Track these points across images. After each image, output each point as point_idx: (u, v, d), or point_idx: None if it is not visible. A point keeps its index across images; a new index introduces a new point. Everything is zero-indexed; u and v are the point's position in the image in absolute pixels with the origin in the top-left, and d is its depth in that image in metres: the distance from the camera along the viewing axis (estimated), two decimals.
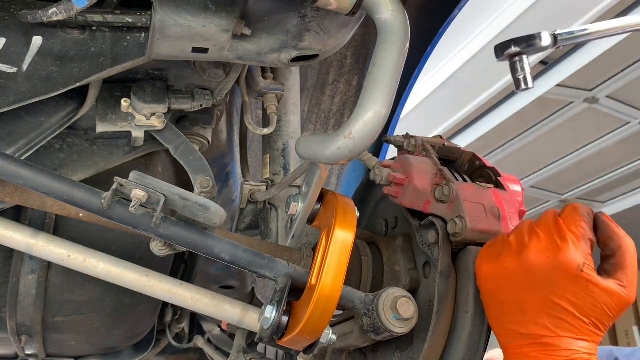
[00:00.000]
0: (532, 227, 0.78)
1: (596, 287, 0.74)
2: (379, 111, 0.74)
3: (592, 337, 0.74)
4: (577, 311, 0.73)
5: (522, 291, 0.76)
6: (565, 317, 0.73)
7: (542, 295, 0.74)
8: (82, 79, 0.79)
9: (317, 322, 0.75)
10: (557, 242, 0.75)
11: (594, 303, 0.73)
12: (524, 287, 0.76)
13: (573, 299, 0.73)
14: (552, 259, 0.74)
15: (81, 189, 0.76)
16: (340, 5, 0.73)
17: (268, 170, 1.20)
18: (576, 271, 0.73)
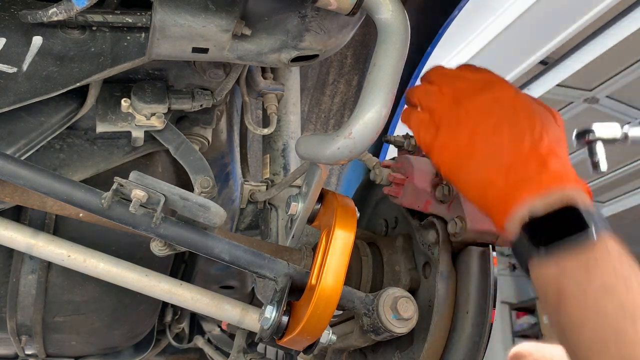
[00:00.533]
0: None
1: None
2: (379, 111, 0.74)
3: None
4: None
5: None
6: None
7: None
8: (82, 79, 0.79)
9: (317, 322, 0.75)
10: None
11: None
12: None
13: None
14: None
15: (81, 189, 0.76)
16: (340, 6, 0.73)
17: (268, 170, 1.20)
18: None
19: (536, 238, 0.72)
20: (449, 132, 0.78)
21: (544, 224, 0.73)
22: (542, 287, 0.72)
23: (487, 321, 0.80)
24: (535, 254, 0.72)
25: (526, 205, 0.73)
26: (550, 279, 0.71)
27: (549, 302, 0.71)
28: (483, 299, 0.81)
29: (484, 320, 0.81)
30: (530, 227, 0.73)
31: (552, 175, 0.75)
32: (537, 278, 0.73)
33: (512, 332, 7.49)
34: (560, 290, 0.70)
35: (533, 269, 0.73)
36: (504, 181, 0.75)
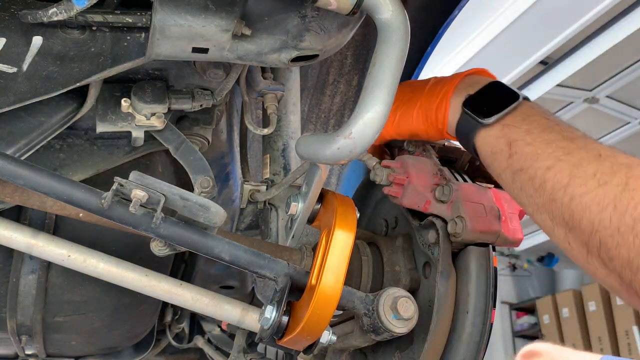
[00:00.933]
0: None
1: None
2: (379, 111, 0.74)
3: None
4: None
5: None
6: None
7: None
8: (82, 79, 0.79)
9: (317, 322, 0.75)
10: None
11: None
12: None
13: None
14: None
15: (81, 189, 0.76)
16: (340, 5, 0.73)
17: (268, 170, 1.20)
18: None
19: (479, 110, 0.86)
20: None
21: (481, 97, 0.88)
22: (490, 150, 0.84)
23: (487, 321, 0.81)
24: (481, 123, 0.84)
25: (458, 93, 0.90)
26: (499, 137, 0.83)
27: (500, 159, 0.82)
28: (483, 299, 0.82)
29: (484, 320, 0.81)
30: (470, 103, 0.88)
31: (464, 73, 0.94)
32: (485, 144, 0.84)
33: (512, 332, 7.49)
34: (510, 142, 0.81)
35: (480, 139, 0.85)
36: (433, 95, 0.94)
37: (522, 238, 0.85)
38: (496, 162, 0.83)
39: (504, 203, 0.86)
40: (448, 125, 0.91)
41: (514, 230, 0.84)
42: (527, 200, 0.79)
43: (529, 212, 0.81)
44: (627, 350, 5.72)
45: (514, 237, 0.84)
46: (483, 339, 0.81)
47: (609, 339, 5.93)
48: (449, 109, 0.90)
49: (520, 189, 0.79)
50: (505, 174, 0.82)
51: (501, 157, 0.82)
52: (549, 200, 0.75)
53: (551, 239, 0.78)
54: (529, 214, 0.81)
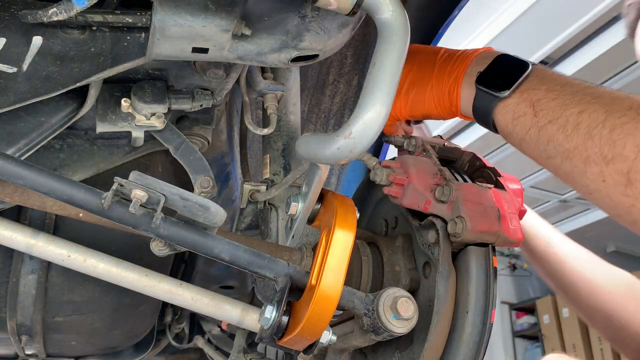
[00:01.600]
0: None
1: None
2: (379, 111, 0.74)
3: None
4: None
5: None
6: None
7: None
8: (82, 79, 0.79)
9: (317, 322, 0.75)
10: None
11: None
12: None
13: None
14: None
15: (81, 189, 0.76)
16: (340, 5, 0.73)
17: (268, 170, 1.20)
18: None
19: (493, 84, 0.89)
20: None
21: (492, 72, 0.91)
22: (511, 117, 0.87)
23: (487, 321, 0.81)
24: (498, 97, 0.88)
25: (469, 73, 0.93)
26: (519, 103, 0.86)
27: (523, 122, 0.85)
28: (483, 299, 0.82)
29: (484, 320, 0.81)
30: (483, 80, 0.91)
31: (472, 53, 0.97)
32: (505, 114, 0.88)
33: (512, 332, 7.49)
34: (532, 103, 0.85)
35: (499, 112, 0.88)
36: (444, 78, 0.97)
37: (522, 238, 0.85)
38: (519, 126, 0.86)
39: (504, 203, 0.86)
40: (461, 107, 0.95)
41: (514, 230, 0.84)
42: (555, 150, 0.81)
43: (555, 165, 0.82)
44: None
45: (514, 237, 0.84)
46: (483, 339, 0.81)
47: None
48: (462, 91, 0.94)
49: (547, 142, 0.82)
50: (530, 133, 0.84)
51: (525, 119, 0.85)
52: (583, 141, 0.77)
53: (577, 186, 0.80)
54: (555, 167, 0.83)
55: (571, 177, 0.81)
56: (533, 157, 0.88)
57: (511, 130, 0.88)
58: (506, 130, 0.89)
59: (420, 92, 1.01)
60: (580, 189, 0.80)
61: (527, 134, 0.85)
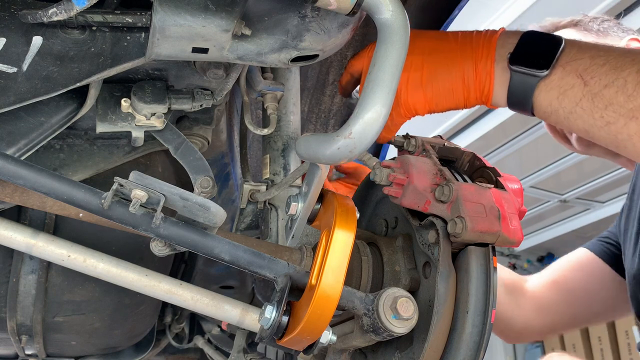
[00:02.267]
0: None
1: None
2: (379, 111, 0.74)
3: None
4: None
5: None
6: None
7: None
8: (82, 79, 0.79)
9: (317, 322, 0.75)
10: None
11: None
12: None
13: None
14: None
15: (81, 189, 0.76)
16: (340, 5, 0.73)
17: (268, 170, 1.20)
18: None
19: (530, 64, 0.84)
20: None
21: (524, 51, 0.85)
22: (557, 94, 0.83)
23: (487, 321, 0.80)
24: (539, 76, 0.83)
25: (498, 58, 0.87)
26: (563, 78, 0.81)
27: (572, 94, 0.81)
28: (483, 299, 0.82)
29: (484, 320, 0.81)
30: (518, 61, 0.85)
31: (494, 35, 0.90)
32: (549, 92, 0.83)
33: None
34: (580, 74, 0.81)
35: (541, 92, 0.83)
36: (471, 66, 0.90)
37: (522, 238, 0.85)
38: (566, 100, 0.83)
39: (504, 203, 0.86)
40: (494, 94, 0.89)
41: (514, 230, 0.84)
42: (616, 113, 0.78)
43: (617, 130, 0.79)
44: (627, 351, 5.72)
45: (514, 237, 0.84)
46: (483, 339, 0.81)
47: (608, 339, 5.93)
48: (494, 79, 0.88)
49: (605, 107, 0.79)
50: (582, 104, 0.81)
51: (574, 91, 0.82)
52: None
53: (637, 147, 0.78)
54: (616, 132, 0.80)
55: (637, 137, 0.78)
56: (585, 129, 0.83)
57: (557, 107, 0.84)
58: (550, 109, 0.85)
59: (443, 83, 0.92)
60: None
61: (577, 106, 0.82)
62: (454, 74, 0.91)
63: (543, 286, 1.85)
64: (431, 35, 0.97)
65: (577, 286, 1.80)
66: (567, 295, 1.79)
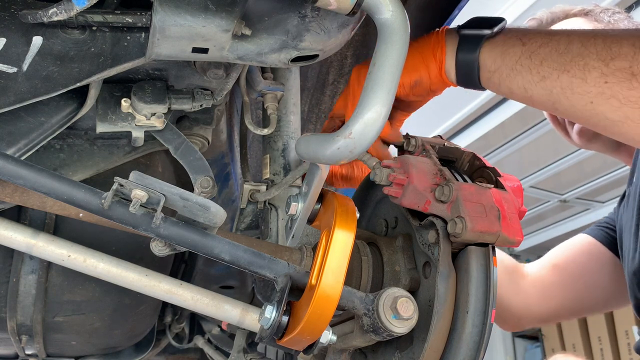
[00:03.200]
0: None
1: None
2: (379, 111, 0.74)
3: None
4: None
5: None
6: None
7: None
8: (82, 79, 0.79)
9: (317, 322, 0.75)
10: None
11: None
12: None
13: None
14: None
15: (81, 189, 0.76)
16: (340, 6, 0.73)
17: (268, 170, 1.20)
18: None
19: (477, 28, 0.95)
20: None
21: (471, 23, 0.98)
22: (500, 51, 0.92)
23: (487, 321, 0.81)
24: (484, 35, 0.94)
25: (449, 32, 0.99)
26: (506, 40, 0.92)
27: (513, 52, 0.90)
28: (483, 299, 0.82)
29: (484, 320, 0.81)
30: (466, 27, 0.97)
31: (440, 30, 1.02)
32: (492, 50, 0.93)
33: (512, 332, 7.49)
34: (519, 37, 0.91)
35: (486, 51, 0.93)
36: (426, 42, 1.01)
37: (522, 238, 0.85)
38: (508, 57, 0.91)
39: (504, 203, 0.86)
40: (446, 64, 0.98)
41: (514, 230, 0.84)
42: (550, 68, 0.86)
43: (551, 84, 0.87)
44: (627, 351, 5.72)
45: (514, 237, 0.84)
46: (483, 339, 0.81)
47: (608, 339, 5.93)
48: (446, 46, 0.98)
49: (541, 63, 0.87)
50: (521, 60, 0.90)
51: (514, 49, 0.91)
52: (579, 52, 0.83)
53: (576, 98, 0.85)
54: (550, 87, 0.88)
55: (569, 90, 0.85)
56: (523, 87, 0.91)
57: (499, 65, 0.92)
58: (493, 67, 0.93)
59: (414, 60, 1.01)
60: (580, 100, 0.84)
61: (517, 63, 0.90)
62: (414, 50, 1.00)
63: (544, 269, 1.82)
64: None
65: (578, 270, 1.78)
66: (568, 278, 1.77)
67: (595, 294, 1.80)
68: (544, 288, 1.78)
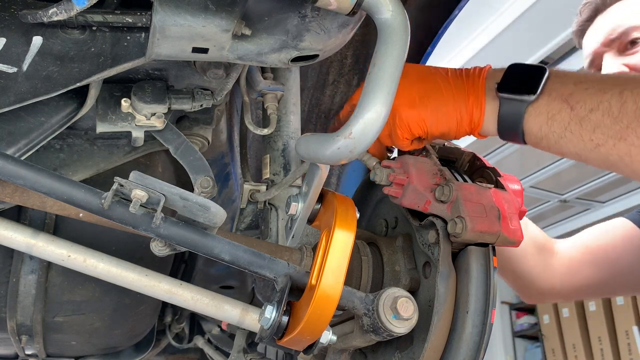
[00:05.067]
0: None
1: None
2: (379, 111, 0.74)
3: None
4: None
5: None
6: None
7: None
8: (82, 79, 0.79)
9: (317, 322, 0.75)
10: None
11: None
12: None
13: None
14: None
15: (81, 189, 0.76)
16: (340, 5, 0.73)
17: (268, 170, 1.20)
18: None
19: (518, 91, 0.87)
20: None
21: (511, 80, 0.89)
22: (545, 118, 0.85)
23: (487, 321, 0.81)
24: (527, 100, 0.86)
25: (486, 87, 0.91)
26: (550, 103, 0.85)
27: (560, 118, 0.84)
28: (483, 299, 0.82)
29: (484, 320, 0.81)
30: (506, 89, 0.88)
31: (475, 68, 0.95)
32: (537, 116, 0.86)
33: (512, 332, 7.49)
34: (565, 98, 0.84)
35: (530, 116, 0.86)
36: (463, 95, 0.92)
37: (522, 238, 0.85)
38: (555, 124, 0.85)
39: (504, 203, 0.86)
40: (485, 123, 0.92)
41: (514, 230, 0.84)
42: (605, 135, 0.80)
43: (606, 152, 0.82)
44: (627, 351, 5.72)
45: (514, 237, 0.84)
46: (483, 339, 0.81)
47: (608, 339, 5.93)
48: (485, 107, 0.91)
49: (593, 130, 0.81)
50: (570, 128, 0.83)
51: (561, 115, 0.84)
52: (635, 117, 0.77)
53: (636, 166, 0.80)
54: (606, 154, 0.82)
55: (628, 158, 0.80)
56: (576, 153, 0.85)
57: (547, 132, 0.86)
58: (540, 134, 0.87)
59: (438, 109, 0.93)
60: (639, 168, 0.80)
61: (566, 130, 0.84)
62: (447, 98, 0.93)
63: (574, 248, 1.79)
64: (423, 67, 1.01)
65: (615, 253, 1.72)
66: (599, 260, 1.72)
67: (627, 279, 1.75)
68: (572, 267, 1.74)
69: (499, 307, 7.33)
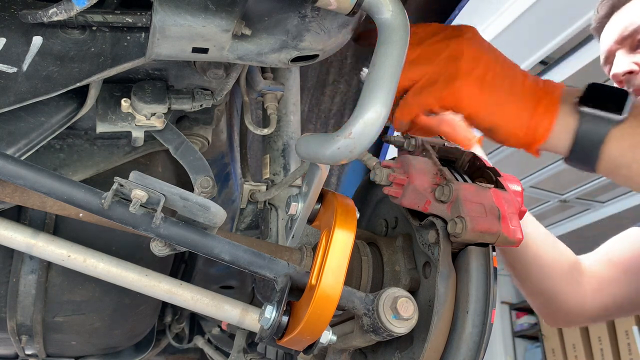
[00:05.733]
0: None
1: None
2: (379, 111, 0.74)
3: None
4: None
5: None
6: None
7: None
8: (82, 79, 0.79)
9: (317, 322, 0.75)
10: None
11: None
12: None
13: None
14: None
15: (81, 189, 0.76)
16: (340, 5, 0.73)
17: (268, 170, 1.20)
18: None
19: (604, 105, 0.75)
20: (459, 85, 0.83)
21: (594, 97, 0.77)
22: (629, 143, 0.76)
23: (487, 321, 0.80)
24: (614, 120, 0.75)
25: (562, 102, 0.79)
26: (636, 127, 0.75)
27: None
28: (483, 299, 0.82)
29: (484, 320, 0.81)
30: (589, 103, 0.76)
31: (549, 81, 0.84)
32: (621, 140, 0.76)
33: (512, 332, 7.50)
34: None
35: (613, 138, 0.76)
36: (532, 98, 0.81)
37: (522, 238, 0.85)
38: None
39: (504, 203, 0.86)
40: (551, 137, 0.81)
41: (514, 230, 0.84)
42: None
43: None
44: (627, 351, 5.72)
45: (514, 237, 0.84)
46: (483, 339, 0.81)
47: (608, 339, 5.93)
48: (559, 115, 0.79)
49: None
50: None
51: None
52: None
53: None
54: None
55: None
56: None
57: (630, 160, 0.77)
58: (622, 160, 0.78)
59: (501, 99, 0.82)
60: None
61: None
62: (517, 95, 0.82)
63: (599, 264, 1.71)
64: (507, 59, 0.89)
65: (634, 264, 1.71)
66: (623, 274, 1.65)
67: None
68: (601, 283, 1.67)
69: (499, 307, 7.34)
